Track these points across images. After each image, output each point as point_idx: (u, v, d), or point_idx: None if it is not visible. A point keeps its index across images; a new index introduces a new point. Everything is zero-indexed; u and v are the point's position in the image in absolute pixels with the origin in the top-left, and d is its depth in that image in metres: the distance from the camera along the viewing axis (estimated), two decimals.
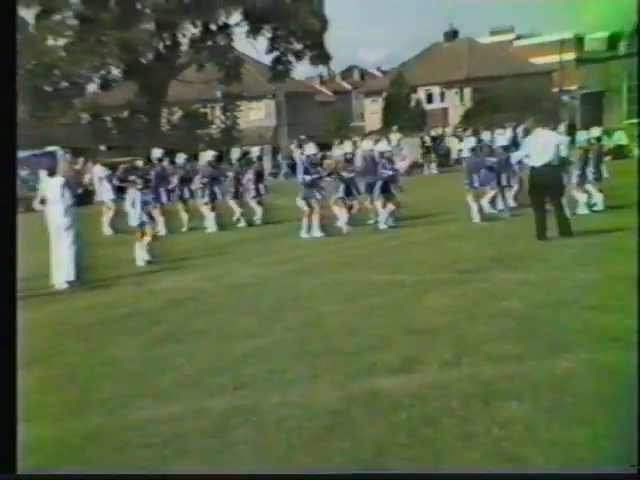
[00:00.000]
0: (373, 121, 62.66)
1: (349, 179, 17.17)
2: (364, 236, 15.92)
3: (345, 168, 17.26)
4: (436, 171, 36.99)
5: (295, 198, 17.05)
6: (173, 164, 21.25)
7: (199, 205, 19.72)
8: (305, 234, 16.36)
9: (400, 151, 34.17)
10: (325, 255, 13.86)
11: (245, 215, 19.61)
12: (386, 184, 16.87)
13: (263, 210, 19.82)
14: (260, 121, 59.38)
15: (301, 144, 19.96)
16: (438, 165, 37.81)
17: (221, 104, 54.24)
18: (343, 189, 17.07)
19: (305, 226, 16.43)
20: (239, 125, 53.84)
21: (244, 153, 21.92)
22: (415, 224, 16.77)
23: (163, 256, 14.35)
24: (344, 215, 17.05)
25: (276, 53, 50.70)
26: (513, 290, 9.42)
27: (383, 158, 17.24)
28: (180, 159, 21.15)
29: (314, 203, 16.42)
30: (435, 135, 43.13)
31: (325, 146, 28.63)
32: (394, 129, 42.60)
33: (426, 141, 39.39)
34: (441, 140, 41.76)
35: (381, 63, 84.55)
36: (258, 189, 19.89)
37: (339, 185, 17.13)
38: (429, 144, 39.05)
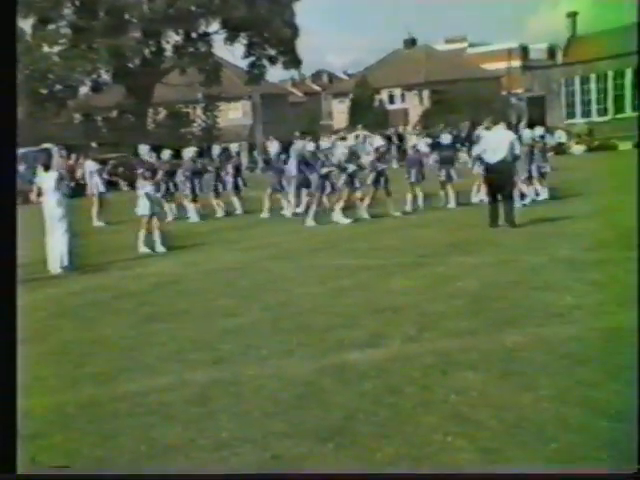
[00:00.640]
0: (340, 120, 62.64)
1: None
2: (333, 224, 15.85)
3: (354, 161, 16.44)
4: (396, 165, 37.01)
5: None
6: (159, 159, 21.01)
7: (182, 197, 19.60)
8: (311, 222, 15.81)
9: (366, 147, 34.11)
10: (299, 242, 13.81)
11: (224, 206, 19.52)
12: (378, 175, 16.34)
13: (241, 201, 19.73)
14: (238, 120, 59.11)
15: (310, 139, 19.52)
16: (398, 160, 37.81)
17: (202, 105, 54.05)
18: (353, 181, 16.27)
19: (311, 214, 15.94)
20: (218, 124, 53.69)
21: (224, 149, 21.79)
22: (378, 214, 16.55)
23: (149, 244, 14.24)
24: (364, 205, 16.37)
25: (252, 58, 50.51)
26: (468, 272, 9.46)
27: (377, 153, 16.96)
28: (166, 155, 20.96)
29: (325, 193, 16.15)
30: (396, 133, 43.19)
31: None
32: (359, 127, 42.63)
33: (391, 138, 39.35)
34: (401, 137, 41.79)
35: (347, 67, 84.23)
36: (237, 182, 19.80)
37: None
38: (393, 141, 39.02)
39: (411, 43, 66.88)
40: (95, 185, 20.21)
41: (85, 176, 20.97)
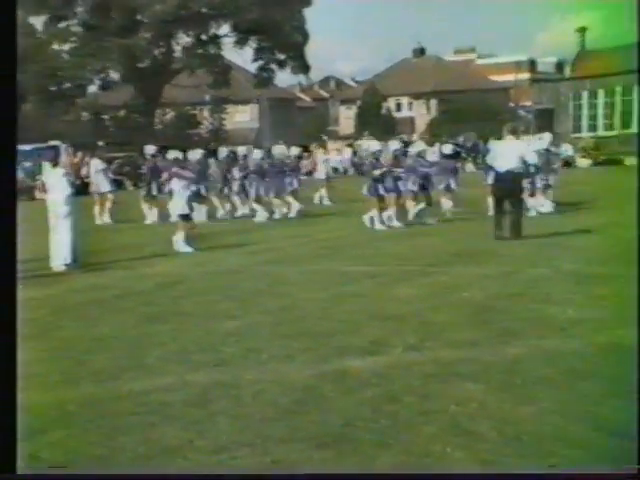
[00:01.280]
0: (347, 126, 62.77)
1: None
2: (339, 229, 15.83)
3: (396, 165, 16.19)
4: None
5: None
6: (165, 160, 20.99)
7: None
8: (379, 225, 15.51)
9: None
10: (302, 247, 13.80)
11: (229, 209, 19.50)
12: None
13: (248, 205, 19.67)
14: (245, 123, 59.17)
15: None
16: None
17: (209, 107, 54.11)
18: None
19: (377, 218, 15.61)
20: (225, 126, 53.77)
21: (231, 152, 21.75)
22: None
23: (154, 244, 14.24)
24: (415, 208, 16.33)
25: (261, 62, 50.69)
26: (471, 282, 9.45)
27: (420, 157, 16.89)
28: (172, 155, 20.91)
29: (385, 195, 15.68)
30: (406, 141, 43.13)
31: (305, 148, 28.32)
32: (365, 134, 42.64)
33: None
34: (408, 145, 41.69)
35: (355, 74, 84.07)
36: (243, 185, 19.75)
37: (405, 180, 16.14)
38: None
39: (420, 53, 67.07)
40: (100, 183, 20.22)
41: (90, 174, 20.96)
